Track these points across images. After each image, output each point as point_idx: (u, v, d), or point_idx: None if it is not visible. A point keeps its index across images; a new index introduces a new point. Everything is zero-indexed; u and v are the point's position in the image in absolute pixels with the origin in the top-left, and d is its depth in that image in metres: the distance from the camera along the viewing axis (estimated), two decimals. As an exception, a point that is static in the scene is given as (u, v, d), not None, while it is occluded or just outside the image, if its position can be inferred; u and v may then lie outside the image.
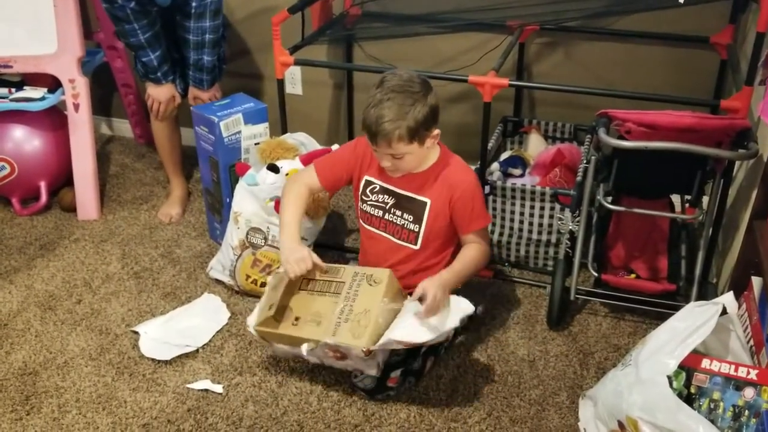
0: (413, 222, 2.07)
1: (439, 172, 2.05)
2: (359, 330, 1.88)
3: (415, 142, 1.91)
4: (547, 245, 2.51)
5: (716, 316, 1.69)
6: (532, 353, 2.22)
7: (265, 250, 2.39)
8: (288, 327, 2.00)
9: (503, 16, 2.75)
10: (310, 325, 1.97)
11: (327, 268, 2.06)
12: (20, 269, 2.61)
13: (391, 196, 2.09)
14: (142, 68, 2.70)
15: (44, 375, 2.14)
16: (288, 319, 2.02)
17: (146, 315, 2.38)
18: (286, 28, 2.47)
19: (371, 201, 2.13)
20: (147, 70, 2.68)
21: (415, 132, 1.89)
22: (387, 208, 2.10)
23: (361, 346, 1.84)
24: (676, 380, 1.70)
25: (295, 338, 1.97)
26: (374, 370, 1.96)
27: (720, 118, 2.04)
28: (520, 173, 2.71)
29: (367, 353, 1.85)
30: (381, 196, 2.11)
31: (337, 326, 1.91)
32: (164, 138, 2.91)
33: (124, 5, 2.49)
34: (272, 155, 2.39)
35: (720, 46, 2.56)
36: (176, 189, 3.00)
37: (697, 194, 2.16)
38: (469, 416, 2.01)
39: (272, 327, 2.02)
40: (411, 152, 1.94)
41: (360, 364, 1.95)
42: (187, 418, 2.00)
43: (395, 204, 2.09)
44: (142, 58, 2.64)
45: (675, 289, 2.24)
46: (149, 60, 2.63)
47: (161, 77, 2.69)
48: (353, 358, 1.92)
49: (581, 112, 2.79)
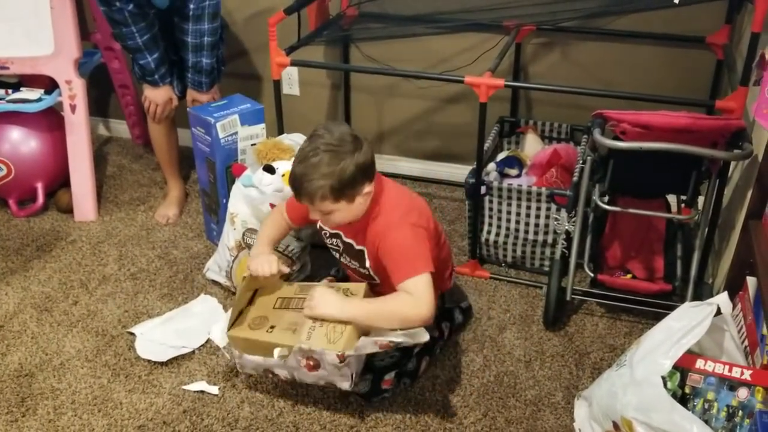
0: (360, 267, 2.04)
1: (368, 222, 1.95)
2: (334, 336, 1.83)
3: (342, 200, 1.85)
4: (543, 245, 2.51)
5: (711, 317, 1.70)
6: (528, 353, 2.22)
7: None
8: (262, 334, 1.95)
9: (500, 17, 2.75)
10: (285, 332, 1.92)
11: (301, 286, 2.06)
12: (17, 270, 2.61)
13: (339, 241, 2.07)
14: (140, 71, 2.70)
15: (40, 377, 2.14)
16: (263, 327, 1.97)
17: (142, 316, 2.38)
18: (283, 29, 2.48)
19: (328, 243, 2.13)
20: (144, 73, 2.68)
21: (340, 191, 1.82)
22: (340, 251, 2.09)
23: (337, 351, 1.79)
24: (671, 381, 1.70)
25: (268, 344, 1.91)
26: (347, 383, 1.87)
27: (715, 119, 2.04)
28: (516, 173, 2.71)
29: (342, 359, 1.80)
30: (333, 240, 2.09)
31: (311, 331, 1.86)
32: (161, 139, 2.91)
33: (122, 8, 2.49)
34: (269, 156, 2.39)
35: (716, 47, 2.56)
36: (173, 190, 3.00)
37: (693, 194, 2.17)
38: (464, 417, 2.01)
39: (246, 333, 1.97)
40: (339, 209, 1.87)
41: (333, 375, 1.86)
42: (183, 420, 2.00)
43: (344, 249, 2.07)
44: (140, 60, 2.64)
45: (671, 289, 2.24)
46: (147, 63, 2.64)
47: (158, 80, 2.69)
48: (327, 367, 1.83)
49: (577, 113, 2.79)
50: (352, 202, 1.87)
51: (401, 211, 1.93)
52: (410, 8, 2.87)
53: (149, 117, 2.83)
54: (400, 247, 1.87)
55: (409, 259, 1.85)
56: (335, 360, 1.80)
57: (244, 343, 1.96)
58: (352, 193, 1.85)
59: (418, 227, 1.91)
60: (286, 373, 1.92)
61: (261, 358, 1.93)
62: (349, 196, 1.85)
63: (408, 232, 1.89)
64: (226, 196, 2.50)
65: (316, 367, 1.86)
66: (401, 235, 1.88)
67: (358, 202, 1.88)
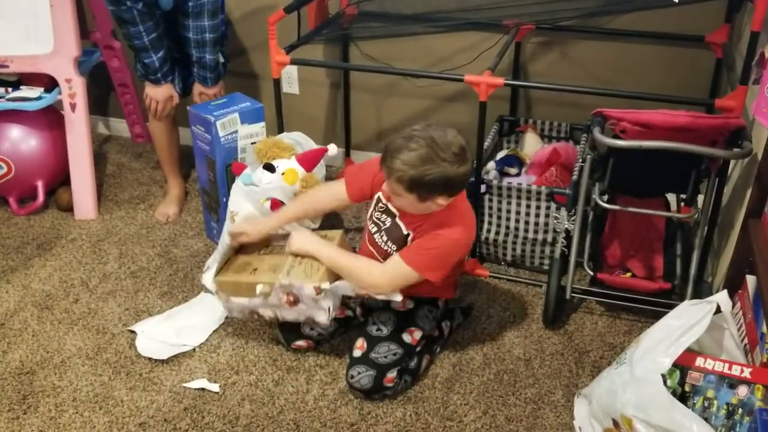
0: (396, 250, 2.04)
1: (435, 216, 1.97)
2: (312, 270, 2.01)
3: (413, 194, 1.87)
4: (543, 244, 2.52)
5: (710, 315, 1.70)
6: (528, 352, 2.23)
7: None
8: (246, 276, 2.10)
9: (499, 16, 2.75)
10: (267, 272, 2.08)
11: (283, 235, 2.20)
12: (17, 269, 2.61)
13: (389, 219, 2.07)
14: (143, 69, 2.70)
15: (41, 374, 2.15)
16: (246, 271, 2.13)
17: (143, 314, 2.39)
18: (282, 28, 2.48)
19: (375, 216, 2.12)
20: (147, 72, 2.68)
21: (416, 186, 1.84)
22: (381, 228, 2.09)
23: (314, 284, 1.96)
24: (671, 378, 1.70)
25: (252, 284, 2.06)
26: (324, 316, 2.01)
27: (714, 117, 2.04)
28: (516, 172, 2.72)
29: (318, 291, 1.96)
30: (382, 215, 2.09)
31: (290, 268, 2.04)
32: (162, 137, 2.91)
33: (132, 7, 2.49)
34: (269, 155, 2.39)
35: (715, 45, 2.56)
36: (173, 188, 3.00)
37: (692, 193, 2.18)
38: (464, 415, 2.01)
39: (231, 277, 2.12)
40: (406, 198, 1.89)
41: (311, 309, 2.01)
42: (184, 417, 2.00)
43: (388, 228, 2.07)
44: (145, 59, 2.65)
45: (670, 287, 2.24)
46: (151, 62, 2.64)
47: (161, 78, 2.70)
48: (305, 300, 1.99)
49: (577, 112, 2.80)
50: (422, 202, 1.90)
51: (459, 229, 1.97)
52: (410, 7, 2.87)
53: (150, 114, 2.83)
54: (430, 246, 1.95)
55: (422, 255, 1.95)
56: (312, 293, 1.97)
57: (231, 287, 2.12)
58: (426, 195, 1.88)
59: (460, 247, 2.01)
60: (269, 312, 2.08)
61: (246, 300, 2.08)
62: (422, 196, 1.88)
63: (447, 247, 1.97)
64: (226, 195, 2.50)
65: (296, 302, 2.01)
66: (442, 241, 1.95)
67: (427, 205, 1.91)
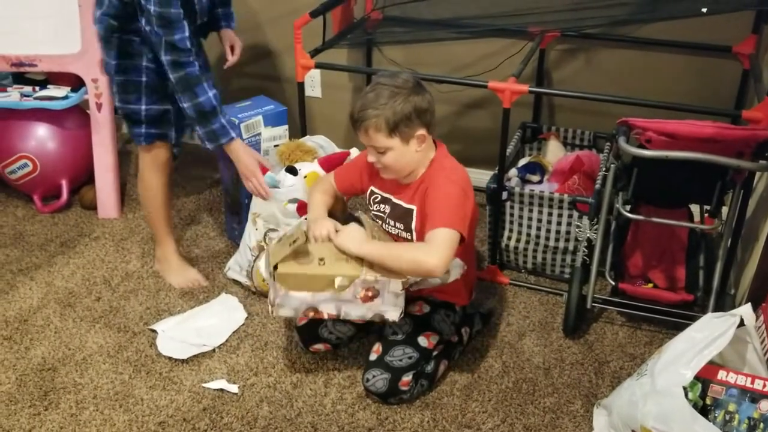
0: (404, 230, 2.06)
1: (424, 179, 2.02)
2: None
3: (395, 137, 1.91)
4: (564, 252, 2.51)
5: (733, 328, 1.69)
6: (548, 361, 2.22)
7: None
8: (315, 267, 1.92)
9: (524, 22, 2.74)
10: (339, 263, 1.93)
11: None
12: (41, 266, 2.64)
13: (387, 205, 2.10)
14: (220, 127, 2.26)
15: (63, 371, 2.17)
16: (311, 261, 1.93)
17: (164, 314, 2.41)
18: (307, 32, 2.49)
19: (374, 210, 2.15)
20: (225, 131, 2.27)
21: (395, 126, 1.89)
22: (384, 217, 2.11)
23: (402, 279, 1.88)
24: (692, 391, 1.69)
25: (324, 277, 1.90)
26: (397, 314, 1.94)
27: (741, 129, 2.02)
28: (538, 180, 2.71)
29: (405, 286, 1.90)
30: (381, 206, 2.12)
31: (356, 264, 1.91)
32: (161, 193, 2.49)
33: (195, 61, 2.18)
34: (291, 158, 2.41)
35: (742, 56, 2.54)
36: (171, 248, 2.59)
37: (717, 205, 2.16)
38: (482, 422, 2.01)
39: (296, 269, 1.91)
40: (393, 148, 1.93)
41: (387, 305, 1.93)
42: (203, 417, 2.02)
43: (390, 213, 2.09)
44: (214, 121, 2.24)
45: (692, 299, 2.23)
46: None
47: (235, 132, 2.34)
48: (386, 296, 1.91)
49: (601, 120, 2.79)
50: (406, 142, 1.93)
51: (458, 175, 2.01)
52: (434, 13, 2.87)
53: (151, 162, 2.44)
54: (445, 197, 1.94)
55: (447, 211, 1.92)
56: (398, 288, 1.90)
57: (296, 279, 1.91)
58: (407, 132, 1.92)
59: (467, 194, 1.99)
60: (332, 308, 1.95)
61: (309, 295, 1.92)
62: (403, 134, 1.92)
63: (458, 190, 1.96)
64: (248, 196, 2.52)
65: (373, 298, 1.92)
66: (452, 189, 1.95)
67: (412, 145, 1.95)
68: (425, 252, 1.86)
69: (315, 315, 1.97)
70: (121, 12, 2.20)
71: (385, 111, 1.89)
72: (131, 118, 2.36)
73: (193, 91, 2.18)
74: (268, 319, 2.38)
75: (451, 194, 1.94)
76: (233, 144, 2.28)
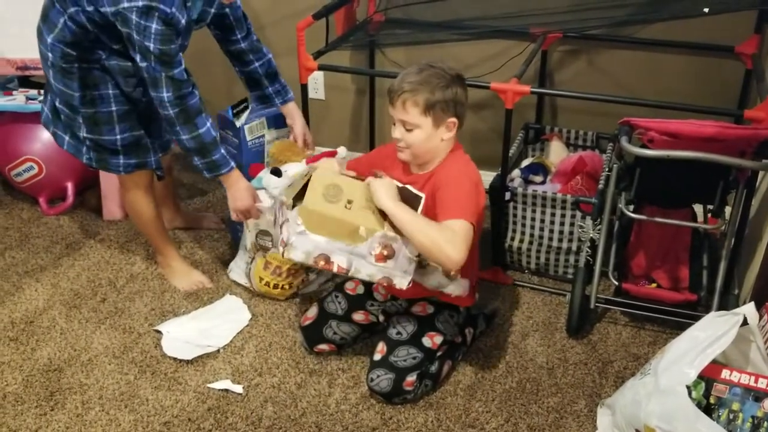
0: None
1: (437, 170, 2.02)
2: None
3: (429, 116, 1.91)
4: (567, 253, 2.51)
5: (737, 327, 1.69)
6: (551, 361, 2.22)
7: (273, 252, 2.41)
8: (341, 210, 1.83)
9: (526, 24, 2.75)
10: (365, 212, 1.85)
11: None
12: (46, 268, 2.66)
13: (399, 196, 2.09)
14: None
15: (68, 372, 2.18)
16: (339, 201, 1.84)
17: (169, 315, 2.42)
18: (310, 34, 2.50)
19: None
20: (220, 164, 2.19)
21: (432, 106, 1.90)
22: None
23: None
24: (696, 390, 1.69)
25: (348, 224, 1.83)
26: (405, 281, 1.90)
27: (743, 128, 2.03)
28: (541, 180, 2.71)
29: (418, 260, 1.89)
30: None
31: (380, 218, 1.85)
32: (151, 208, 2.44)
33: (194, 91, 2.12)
34: (280, 158, 2.39)
35: (745, 56, 2.54)
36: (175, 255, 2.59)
37: (720, 204, 2.16)
38: (486, 422, 2.01)
39: (323, 207, 1.82)
40: (421, 126, 1.92)
41: (398, 269, 1.88)
42: (208, 417, 2.02)
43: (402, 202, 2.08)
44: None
45: (696, 299, 2.23)
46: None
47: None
48: (400, 258, 1.86)
49: (603, 120, 2.79)
50: (437, 126, 1.94)
51: (472, 170, 2.02)
52: (436, 14, 2.88)
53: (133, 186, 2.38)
54: (459, 190, 1.93)
55: (462, 203, 1.90)
56: (414, 253, 1.87)
57: (321, 220, 1.83)
58: (441, 116, 1.93)
59: (479, 190, 1.99)
60: (344, 260, 1.88)
61: (324, 240, 1.85)
62: (437, 116, 1.92)
63: (471, 184, 1.96)
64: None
65: (386, 258, 1.86)
66: (464, 182, 1.95)
67: (441, 131, 1.95)
68: (448, 239, 1.80)
69: (325, 266, 1.88)
70: (80, 39, 2.07)
71: (427, 89, 1.90)
72: (106, 149, 2.24)
73: (194, 122, 2.08)
74: (273, 320, 2.39)
75: (464, 186, 1.94)
76: (233, 174, 2.20)
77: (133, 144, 2.26)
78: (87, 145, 2.24)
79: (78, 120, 2.20)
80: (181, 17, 2.01)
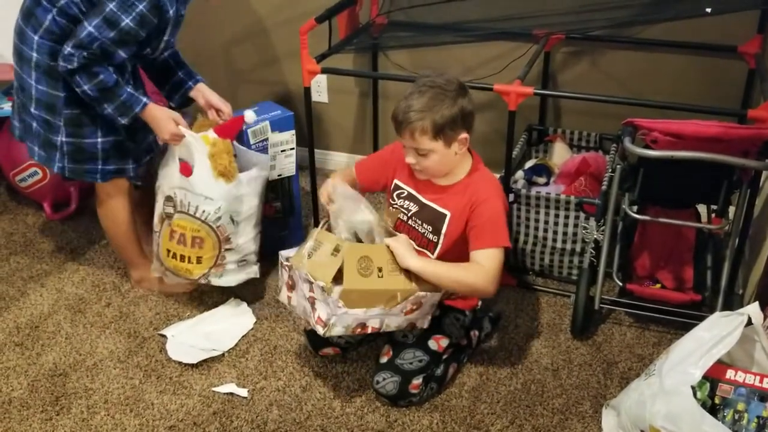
0: (432, 233, 2.06)
1: (466, 186, 2.02)
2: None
3: (440, 140, 1.90)
4: (571, 254, 2.51)
5: (741, 327, 1.69)
6: (556, 362, 2.22)
7: (177, 219, 2.28)
8: (375, 281, 1.85)
9: (529, 25, 2.75)
10: (395, 275, 1.88)
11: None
12: (51, 272, 2.67)
13: (415, 204, 2.09)
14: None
15: (74, 376, 2.19)
16: (371, 273, 1.85)
17: (173, 319, 2.42)
18: (313, 37, 2.51)
19: (395, 205, 2.14)
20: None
21: (441, 129, 1.88)
22: (409, 215, 2.11)
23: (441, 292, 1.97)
24: (700, 390, 1.69)
25: (386, 292, 1.86)
26: (428, 320, 2.04)
27: (747, 128, 2.03)
28: (544, 182, 2.71)
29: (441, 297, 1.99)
30: (406, 202, 2.11)
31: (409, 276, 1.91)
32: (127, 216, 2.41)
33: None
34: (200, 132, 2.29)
35: (748, 56, 2.54)
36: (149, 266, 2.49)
37: (724, 204, 2.16)
38: (491, 424, 2.01)
39: (361, 284, 1.82)
40: (435, 151, 1.92)
41: (423, 315, 2.01)
42: (213, 421, 2.03)
43: (417, 212, 2.08)
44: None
45: (700, 299, 2.22)
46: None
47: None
48: (425, 307, 1.98)
49: (606, 121, 2.79)
50: (448, 146, 1.93)
51: (498, 185, 2.08)
52: (439, 17, 2.89)
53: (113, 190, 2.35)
54: (495, 215, 1.97)
55: (497, 230, 1.96)
56: (437, 298, 2.00)
57: (357, 296, 1.83)
58: (451, 135, 1.92)
59: (506, 205, 2.05)
60: (377, 322, 1.93)
61: (362, 312, 1.87)
62: (447, 137, 1.91)
63: (502, 204, 2.01)
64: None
65: (414, 310, 1.96)
66: (499, 204, 2.00)
67: (453, 149, 1.95)
68: (481, 278, 1.92)
69: (360, 331, 1.93)
70: (68, 33, 2.04)
71: (433, 114, 1.88)
72: (84, 153, 2.21)
73: (92, 71, 2.03)
74: (277, 323, 2.39)
75: (498, 210, 1.98)
76: (148, 109, 2.15)
77: (114, 149, 2.25)
78: (63, 151, 2.21)
79: (58, 123, 2.18)
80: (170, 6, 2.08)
